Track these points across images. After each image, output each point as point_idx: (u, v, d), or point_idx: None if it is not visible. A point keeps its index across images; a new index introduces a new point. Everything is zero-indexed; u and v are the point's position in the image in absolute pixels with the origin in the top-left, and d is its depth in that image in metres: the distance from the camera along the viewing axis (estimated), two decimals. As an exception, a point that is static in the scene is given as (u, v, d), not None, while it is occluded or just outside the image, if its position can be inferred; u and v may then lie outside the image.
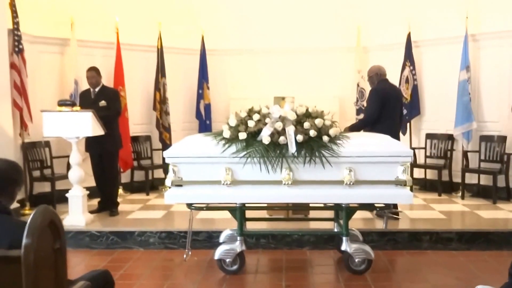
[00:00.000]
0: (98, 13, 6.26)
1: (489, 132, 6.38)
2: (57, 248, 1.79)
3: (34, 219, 1.68)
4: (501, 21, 6.11)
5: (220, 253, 3.90)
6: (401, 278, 3.86)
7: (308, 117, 3.81)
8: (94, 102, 5.25)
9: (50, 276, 1.75)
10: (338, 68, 7.35)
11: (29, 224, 1.67)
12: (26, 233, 1.65)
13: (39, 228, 1.69)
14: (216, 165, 3.74)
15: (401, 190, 3.80)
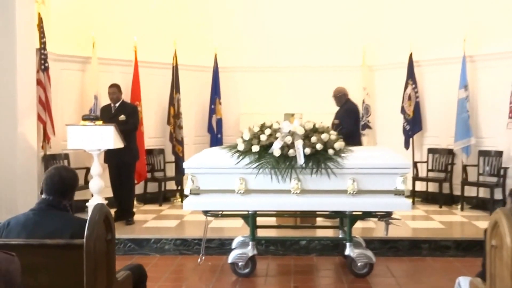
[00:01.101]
0: (117, 33, 6.74)
1: (487, 147, 6.74)
2: (109, 239, 2.19)
3: (94, 215, 2.09)
4: (497, 44, 6.51)
5: (233, 257, 4.27)
6: (400, 281, 4.22)
7: (315, 132, 4.22)
8: (114, 116, 5.68)
9: (104, 262, 2.14)
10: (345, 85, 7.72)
11: (90, 219, 2.07)
12: (87, 225, 2.05)
13: (97, 222, 2.09)
14: (231, 175, 4.13)
15: (400, 199, 4.19)
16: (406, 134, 7.28)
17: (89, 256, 2.03)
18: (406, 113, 7.25)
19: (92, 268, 2.04)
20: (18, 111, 4.80)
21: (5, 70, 4.66)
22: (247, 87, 7.86)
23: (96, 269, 2.06)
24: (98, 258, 2.07)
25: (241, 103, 7.90)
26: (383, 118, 7.64)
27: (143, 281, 2.68)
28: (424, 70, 7.33)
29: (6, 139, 4.72)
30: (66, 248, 2.08)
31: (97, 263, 2.05)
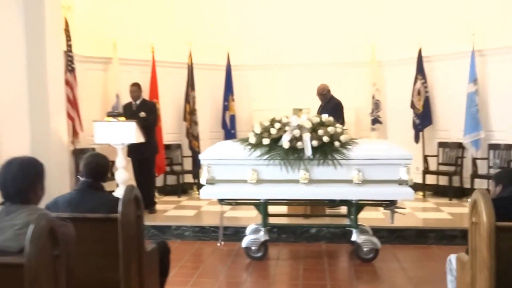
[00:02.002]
0: (136, 35, 7.28)
1: (497, 140, 7.02)
2: (138, 215, 2.66)
3: (126, 194, 2.56)
4: (506, 38, 6.77)
5: (247, 242, 4.73)
6: (403, 266, 4.61)
7: (322, 126, 4.63)
8: (135, 113, 6.19)
9: (134, 233, 2.61)
10: (354, 82, 8.12)
11: (123, 197, 2.54)
12: (121, 203, 2.52)
13: (128, 200, 2.56)
14: (244, 166, 4.58)
15: (403, 188, 4.56)
16: (416, 129, 7.61)
17: (123, 228, 2.50)
18: (415, 107, 7.58)
19: (125, 237, 2.51)
20: (50, 109, 5.34)
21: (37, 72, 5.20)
22: (258, 84, 8.30)
23: (128, 239, 2.53)
24: (130, 230, 2.54)
25: (253, 100, 8.33)
26: (393, 113, 7.97)
27: (167, 254, 3.15)
28: (433, 65, 7.64)
29: (40, 135, 5.26)
30: (104, 221, 2.55)
31: (129, 234, 2.52)
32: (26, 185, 1.98)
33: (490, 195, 2.75)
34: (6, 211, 1.94)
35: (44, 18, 5.13)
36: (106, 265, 2.60)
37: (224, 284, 4.24)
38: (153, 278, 2.90)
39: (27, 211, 1.94)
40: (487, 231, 2.39)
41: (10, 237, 1.88)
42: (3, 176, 1.97)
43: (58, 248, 1.87)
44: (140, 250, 2.68)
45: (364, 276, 4.39)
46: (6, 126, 5.07)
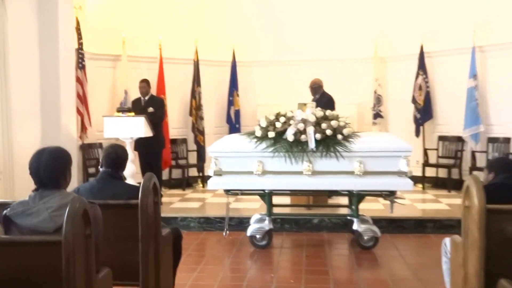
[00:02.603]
0: (144, 32, 7.52)
1: (495, 134, 7.23)
2: (156, 201, 2.89)
3: (145, 182, 2.80)
4: (505, 34, 6.96)
5: (252, 231, 4.97)
6: (402, 253, 4.85)
7: (325, 120, 4.86)
8: (144, 109, 6.43)
9: (153, 218, 2.85)
10: (357, 77, 8.33)
11: (143, 185, 2.78)
12: (141, 191, 2.76)
13: (148, 188, 2.79)
14: (250, 158, 4.82)
15: (403, 179, 4.80)
16: (416, 123, 7.83)
17: (142, 214, 2.74)
18: (416, 102, 7.79)
19: (144, 222, 2.75)
20: (61, 105, 5.59)
21: (50, 69, 5.45)
22: (263, 80, 8.52)
23: (147, 224, 2.76)
24: (148, 215, 2.78)
25: (258, 95, 8.56)
26: (395, 108, 8.20)
27: (180, 240, 3.39)
28: (434, 60, 7.84)
29: (51, 130, 5.52)
30: (125, 207, 2.79)
31: (147, 219, 2.76)
32: (57, 172, 2.21)
33: (483, 181, 2.97)
34: (40, 195, 2.18)
35: (58, 17, 5.38)
36: (125, 249, 2.84)
37: (230, 271, 4.48)
38: (167, 261, 3.14)
39: (59, 196, 2.18)
40: (478, 214, 2.61)
41: (45, 218, 2.11)
42: (36, 164, 2.20)
43: (89, 228, 2.10)
44: (157, 234, 2.92)
45: (364, 262, 4.62)
46: (19, 121, 5.32)
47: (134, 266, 2.83)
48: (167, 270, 3.15)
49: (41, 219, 2.11)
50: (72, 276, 1.98)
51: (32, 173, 2.20)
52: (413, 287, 3.98)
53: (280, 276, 4.26)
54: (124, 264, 2.82)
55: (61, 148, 2.33)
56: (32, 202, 2.16)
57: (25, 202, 2.17)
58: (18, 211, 2.13)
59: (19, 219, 2.12)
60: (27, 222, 2.11)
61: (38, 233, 2.10)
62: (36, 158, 2.22)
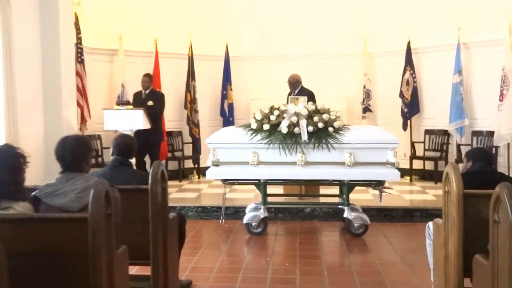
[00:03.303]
0: (140, 28, 7.76)
1: (480, 128, 7.59)
2: (164, 187, 3.15)
3: (154, 169, 3.05)
4: (489, 32, 7.29)
5: (248, 218, 5.25)
6: (391, 240, 5.16)
7: (317, 113, 5.14)
8: (144, 102, 6.70)
9: (161, 203, 3.10)
10: (347, 72, 8.63)
11: (152, 172, 3.03)
12: (151, 177, 3.01)
13: (156, 174, 3.05)
14: (246, 149, 5.09)
15: (390, 170, 5.10)
16: (404, 117, 8.16)
17: (153, 198, 3.00)
18: (404, 97, 8.12)
19: (154, 206, 3.01)
20: (62, 98, 5.81)
21: (51, 63, 5.66)
22: (255, 74, 8.78)
23: (156, 207, 3.02)
24: (158, 200, 3.03)
25: (250, 89, 8.82)
26: (383, 102, 8.51)
27: (184, 223, 3.65)
28: (421, 56, 8.17)
29: (53, 122, 5.74)
30: (136, 192, 3.04)
31: (157, 203, 3.02)
32: (81, 157, 2.47)
33: (462, 169, 3.27)
34: (66, 178, 2.43)
35: (58, 14, 5.59)
36: (136, 230, 3.09)
37: (229, 255, 4.76)
38: (174, 242, 3.40)
39: (83, 178, 2.43)
40: (457, 198, 2.90)
41: (72, 199, 2.36)
42: (61, 149, 2.46)
43: (110, 208, 2.36)
44: (165, 217, 3.17)
45: (354, 248, 4.93)
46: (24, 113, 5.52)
47: (144, 247, 3.08)
48: (174, 251, 3.41)
49: (68, 199, 2.36)
50: (97, 250, 2.23)
51: (58, 157, 2.45)
52: (400, 270, 4.29)
53: (276, 260, 4.55)
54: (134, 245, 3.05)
55: (82, 136, 2.59)
56: (59, 184, 2.41)
57: (52, 184, 2.42)
58: (47, 192, 2.38)
59: (48, 199, 2.37)
60: (56, 202, 2.36)
61: (66, 212, 2.35)
62: (61, 144, 2.47)
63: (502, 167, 7.00)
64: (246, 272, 4.19)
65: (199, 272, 4.20)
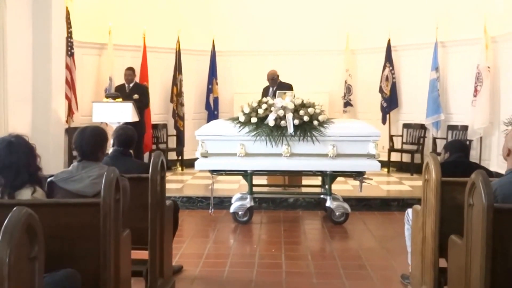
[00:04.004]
0: (129, 22, 7.86)
1: (455, 122, 7.96)
2: (162, 176, 3.35)
3: (155, 159, 3.24)
4: (465, 31, 7.63)
5: (235, 208, 5.48)
6: (370, 227, 5.46)
7: (303, 107, 5.38)
8: (129, 95, 6.80)
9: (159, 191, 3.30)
10: (329, 68, 8.91)
11: (153, 162, 3.22)
12: (151, 166, 3.20)
13: (156, 164, 3.25)
14: (234, 141, 5.30)
15: (371, 161, 5.39)
16: (383, 111, 8.49)
17: (153, 186, 3.20)
18: (383, 92, 8.44)
19: (153, 194, 3.21)
20: (52, 90, 5.91)
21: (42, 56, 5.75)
22: (240, 69, 8.96)
23: (155, 195, 3.22)
24: (157, 187, 3.23)
25: (235, 84, 9.00)
26: (363, 97, 8.81)
27: (177, 211, 3.87)
28: (400, 53, 8.50)
29: (42, 114, 5.84)
30: (137, 180, 3.23)
31: (156, 191, 3.22)
32: (98, 147, 2.66)
33: (440, 160, 3.56)
34: (82, 166, 2.63)
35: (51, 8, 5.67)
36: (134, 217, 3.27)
37: (217, 242, 4.99)
38: (169, 228, 3.61)
39: (98, 167, 2.63)
40: (435, 185, 3.17)
41: (87, 185, 2.56)
42: (80, 139, 2.64)
43: (118, 194, 2.55)
44: (162, 204, 3.38)
45: (336, 235, 5.21)
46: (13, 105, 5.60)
47: (142, 232, 3.27)
48: (169, 237, 3.62)
49: (83, 184, 2.55)
50: (108, 232, 2.43)
51: (76, 147, 2.63)
52: (379, 254, 4.59)
53: (262, 247, 4.80)
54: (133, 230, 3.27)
55: (100, 127, 2.79)
56: (75, 171, 2.60)
57: (68, 171, 2.61)
58: (63, 178, 2.57)
59: (64, 184, 2.56)
60: (72, 187, 2.55)
61: (80, 197, 2.55)
62: (80, 135, 2.66)
63: (475, 159, 7.37)
64: (234, 258, 4.43)
65: (189, 258, 4.41)
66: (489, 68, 7.21)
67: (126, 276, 2.80)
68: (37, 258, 1.77)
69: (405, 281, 3.77)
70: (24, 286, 1.68)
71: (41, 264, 1.80)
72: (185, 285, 3.75)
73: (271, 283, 3.79)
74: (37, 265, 1.78)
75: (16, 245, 1.61)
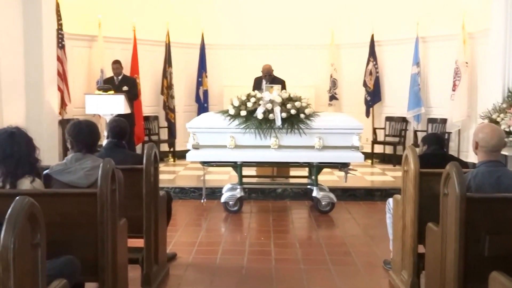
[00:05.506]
0: (119, 14, 7.80)
1: (434, 115, 8.12)
2: (156, 167, 3.39)
3: (148, 151, 3.28)
4: (444, 27, 7.78)
5: (226, 198, 5.54)
6: (355, 216, 5.58)
7: (290, 100, 5.45)
8: (118, 88, 6.79)
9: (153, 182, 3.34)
10: (315, 62, 8.98)
11: (146, 153, 3.26)
12: (145, 158, 3.24)
13: (150, 155, 3.29)
14: (224, 134, 5.35)
15: (355, 153, 5.49)
16: (367, 104, 8.60)
17: (147, 176, 3.24)
18: (367, 86, 8.55)
19: (147, 184, 3.25)
20: (44, 82, 5.86)
21: (34, 48, 5.69)
22: (228, 62, 8.98)
23: (149, 185, 3.27)
24: (151, 178, 3.28)
25: (224, 77, 9.02)
26: (348, 90, 8.91)
27: (170, 201, 3.92)
28: (383, 48, 8.60)
29: (35, 106, 5.79)
30: (131, 171, 3.26)
31: (150, 181, 3.26)
32: (92, 140, 2.68)
33: (418, 152, 3.66)
34: (76, 158, 2.65)
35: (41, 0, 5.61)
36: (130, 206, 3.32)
37: (209, 231, 5.05)
38: (163, 218, 3.66)
39: (91, 159, 2.66)
40: (414, 175, 3.28)
41: (81, 176, 2.59)
42: (76, 132, 2.66)
43: (114, 184, 2.60)
44: (156, 194, 3.43)
45: (322, 224, 5.32)
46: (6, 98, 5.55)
47: (136, 221, 3.32)
48: (163, 225, 3.67)
49: (77, 176, 2.58)
50: (105, 221, 2.48)
51: (74, 140, 2.65)
52: (363, 241, 4.70)
53: (252, 235, 4.89)
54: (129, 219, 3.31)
55: (93, 121, 2.80)
56: (69, 163, 2.62)
57: (62, 163, 2.64)
58: (58, 170, 2.59)
59: (59, 176, 2.58)
60: (66, 179, 2.58)
61: (74, 187, 2.58)
62: (76, 129, 2.68)
63: (453, 151, 7.55)
64: (225, 245, 4.50)
65: (182, 246, 4.47)
66: (467, 63, 7.35)
67: (123, 263, 2.85)
68: (39, 245, 1.81)
69: (387, 266, 3.88)
70: (28, 271, 1.73)
71: (44, 251, 1.84)
72: (179, 272, 3.81)
73: (261, 269, 3.88)
74: (39, 251, 1.82)
75: (20, 232, 1.66)
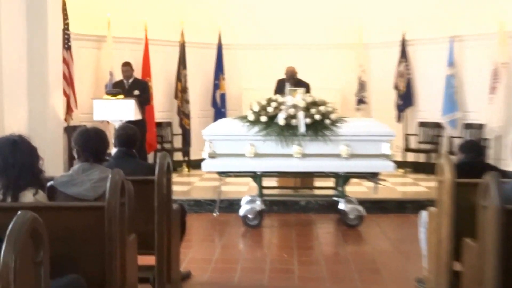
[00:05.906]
0: (129, 13, 7.82)
1: (471, 120, 7.90)
2: (169, 178, 3.35)
3: (161, 161, 3.24)
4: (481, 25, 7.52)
5: (245, 211, 5.47)
6: (385, 230, 5.45)
7: (314, 105, 5.37)
8: (128, 92, 6.78)
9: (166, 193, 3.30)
10: (341, 63, 8.86)
11: (159, 164, 3.22)
12: (157, 169, 3.20)
13: (163, 166, 3.25)
14: (243, 141, 5.29)
15: (385, 161, 5.37)
16: (398, 109, 8.44)
17: (159, 188, 3.20)
18: (398, 89, 8.40)
19: (159, 196, 3.21)
20: (49, 86, 5.88)
21: (38, 49, 5.72)
22: (249, 63, 8.92)
23: (161, 197, 3.22)
24: (164, 190, 3.23)
25: (243, 79, 8.95)
26: (377, 94, 8.75)
27: (185, 215, 3.87)
28: (415, 48, 8.43)
29: (39, 111, 5.79)
30: (142, 182, 3.23)
31: (162, 194, 3.22)
32: (100, 148, 2.66)
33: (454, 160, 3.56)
34: (82, 168, 2.62)
35: (47, 0, 5.66)
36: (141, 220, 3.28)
37: (226, 247, 4.98)
38: (176, 232, 3.61)
39: (99, 170, 2.63)
40: (449, 185, 3.20)
41: (88, 188, 2.56)
42: (82, 140, 2.64)
43: (124, 197, 2.55)
44: (169, 207, 3.38)
45: (350, 239, 5.20)
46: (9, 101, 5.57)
47: (148, 236, 3.28)
48: (176, 241, 3.62)
49: (84, 188, 2.55)
50: (113, 236, 2.43)
51: (79, 148, 2.63)
52: (393, 258, 4.59)
53: (273, 252, 4.81)
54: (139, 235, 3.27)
55: (101, 129, 2.78)
56: (76, 174, 2.60)
57: (68, 174, 2.61)
58: (63, 181, 2.57)
59: (64, 188, 2.56)
60: (72, 191, 2.55)
61: (81, 200, 2.55)
62: (84, 137, 2.66)
63: (492, 159, 7.32)
64: (244, 263, 4.43)
65: (197, 263, 4.41)
66: (505, 64, 7.16)
67: (133, 283, 2.81)
68: (42, 263, 1.78)
69: (420, 284, 3.78)
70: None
71: (47, 269, 1.80)
72: (193, 292, 3.76)
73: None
74: (42, 269, 1.79)
75: (21, 250, 1.62)
